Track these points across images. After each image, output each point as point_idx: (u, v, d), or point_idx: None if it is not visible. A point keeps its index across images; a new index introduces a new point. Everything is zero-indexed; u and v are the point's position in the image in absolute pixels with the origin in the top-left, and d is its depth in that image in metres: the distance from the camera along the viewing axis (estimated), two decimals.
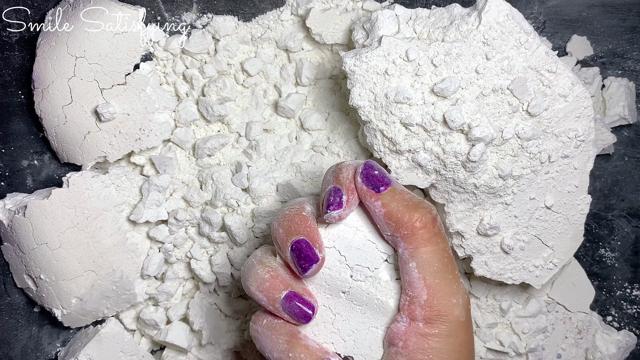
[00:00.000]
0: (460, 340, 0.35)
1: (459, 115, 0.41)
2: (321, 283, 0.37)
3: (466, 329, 0.35)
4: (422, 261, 0.34)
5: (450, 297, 0.35)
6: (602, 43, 0.55)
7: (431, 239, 0.34)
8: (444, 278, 0.35)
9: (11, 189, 0.51)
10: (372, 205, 0.35)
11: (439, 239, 0.35)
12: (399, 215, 0.34)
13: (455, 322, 0.35)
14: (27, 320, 0.52)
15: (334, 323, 0.37)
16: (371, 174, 0.35)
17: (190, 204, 0.50)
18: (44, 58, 0.47)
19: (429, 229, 0.34)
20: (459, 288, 0.35)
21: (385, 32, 0.44)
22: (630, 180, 0.56)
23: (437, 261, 0.34)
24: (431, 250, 0.34)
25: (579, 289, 0.54)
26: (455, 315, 0.35)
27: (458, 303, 0.35)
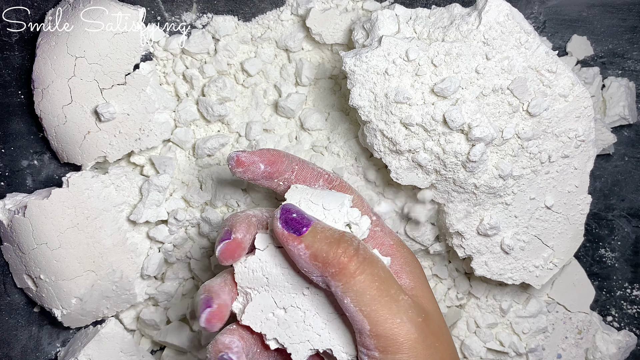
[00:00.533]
0: (422, 355, 0.34)
1: (459, 115, 0.41)
2: (284, 285, 0.37)
3: (423, 342, 0.34)
4: (355, 293, 0.34)
5: (393, 319, 0.34)
6: (602, 43, 0.55)
7: (358, 269, 0.34)
8: (379, 303, 0.34)
9: (11, 189, 0.51)
10: (296, 249, 0.34)
11: (366, 265, 0.34)
12: (323, 255, 0.34)
13: (408, 341, 0.34)
14: (27, 320, 0.52)
15: (305, 320, 0.37)
16: (290, 217, 0.35)
17: (190, 204, 0.50)
18: (44, 58, 0.47)
19: (355, 260, 0.34)
20: (400, 306, 0.34)
21: (386, 32, 0.44)
22: (631, 180, 0.56)
23: (369, 289, 0.34)
24: (361, 280, 0.34)
25: (579, 289, 0.54)
26: (404, 335, 0.34)
27: (403, 321, 0.34)
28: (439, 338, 0.36)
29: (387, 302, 0.34)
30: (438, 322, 0.37)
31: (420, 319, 0.35)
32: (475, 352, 0.51)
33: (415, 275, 0.39)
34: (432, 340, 0.35)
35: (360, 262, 0.34)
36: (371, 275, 0.34)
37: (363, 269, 0.34)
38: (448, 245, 0.49)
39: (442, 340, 0.36)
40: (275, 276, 0.37)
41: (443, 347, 0.36)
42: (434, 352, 0.35)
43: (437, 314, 0.38)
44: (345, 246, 0.34)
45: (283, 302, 0.37)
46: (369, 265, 0.34)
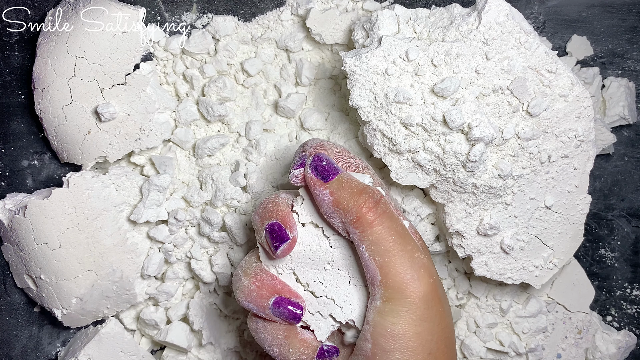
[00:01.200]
0: (420, 315, 0.35)
1: (459, 115, 0.41)
2: (306, 261, 0.39)
3: (427, 303, 0.36)
4: (370, 243, 0.35)
5: (404, 273, 0.35)
6: (602, 43, 0.55)
7: (376, 220, 0.35)
8: (394, 255, 0.35)
9: (11, 189, 0.51)
10: (321, 194, 0.36)
11: (385, 218, 0.36)
12: (345, 202, 0.36)
13: (412, 296, 0.35)
14: (27, 320, 0.52)
15: (327, 294, 0.38)
16: (320, 164, 0.37)
17: (190, 204, 0.50)
18: (44, 58, 0.47)
19: (374, 211, 0.36)
20: (414, 262, 0.36)
21: (385, 32, 0.44)
22: (630, 180, 0.56)
23: (384, 240, 0.35)
24: (378, 230, 0.35)
25: (579, 289, 0.54)
26: (410, 291, 0.35)
27: (414, 278, 0.35)
28: (442, 306, 0.37)
29: (402, 256, 0.36)
30: (443, 294, 0.38)
31: (431, 279, 0.36)
32: (475, 352, 0.52)
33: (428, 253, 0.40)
34: (436, 304, 0.36)
35: (380, 214, 0.36)
36: (388, 229, 0.36)
37: (381, 221, 0.36)
38: (448, 245, 0.49)
39: (445, 310, 0.37)
40: (298, 253, 0.38)
41: (444, 316, 0.37)
42: (433, 314, 0.36)
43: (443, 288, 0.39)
44: (367, 197, 0.36)
45: (306, 278, 0.39)
46: (387, 218, 0.36)
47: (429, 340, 0.36)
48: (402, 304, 0.35)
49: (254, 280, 0.38)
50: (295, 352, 0.38)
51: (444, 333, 0.37)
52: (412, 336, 0.35)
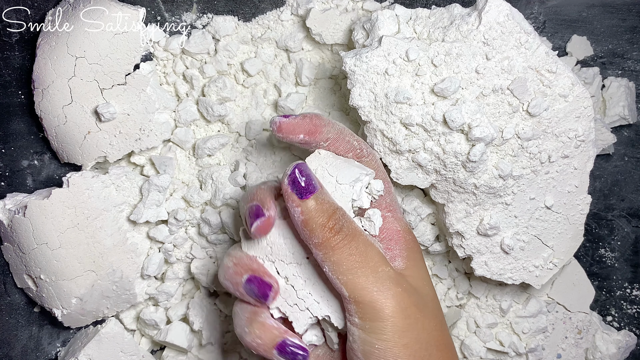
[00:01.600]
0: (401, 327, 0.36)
1: (459, 115, 0.41)
2: (286, 254, 0.39)
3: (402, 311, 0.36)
4: (332, 264, 0.36)
5: (370, 287, 0.36)
6: (602, 43, 0.55)
7: (338, 244, 0.36)
8: (356, 273, 0.36)
9: (11, 189, 0.51)
10: (293, 210, 0.37)
11: (347, 241, 0.36)
12: (313, 226, 0.36)
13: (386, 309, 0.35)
14: (27, 320, 0.52)
15: (304, 288, 0.39)
16: (297, 180, 0.37)
17: (190, 203, 0.50)
18: (44, 58, 0.47)
19: (338, 236, 0.36)
20: (378, 276, 0.36)
21: (386, 32, 0.44)
22: (630, 180, 0.56)
23: (346, 260, 0.36)
24: (339, 253, 0.36)
25: (579, 289, 0.54)
26: (381, 303, 0.35)
27: (380, 290, 0.36)
28: (421, 311, 0.37)
29: (365, 272, 0.36)
30: (426, 298, 0.38)
31: (399, 289, 0.36)
32: (475, 352, 0.51)
33: (411, 259, 0.40)
34: (413, 312, 0.36)
35: (342, 237, 0.36)
36: (349, 249, 0.36)
37: (343, 244, 0.36)
38: (448, 245, 0.49)
39: (425, 314, 0.37)
40: (279, 246, 0.39)
41: (426, 320, 0.37)
42: (413, 322, 0.36)
43: (427, 293, 0.39)
44: (333, 222, 0.36)
45: (285, 272, 0.39)
46: (350, 240, 0.37)
47: (417, 349, 0.36)
48: (379, 319, 0.35)
49: (233, 259, 0.39)
50: (250, 334, 0.37)
51: (432, 337, 0.37)
52: (400, 350, 0.35)
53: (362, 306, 0.36)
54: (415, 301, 0.37)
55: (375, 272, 0.36)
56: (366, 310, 0.36)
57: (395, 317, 0.36)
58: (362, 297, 0.36)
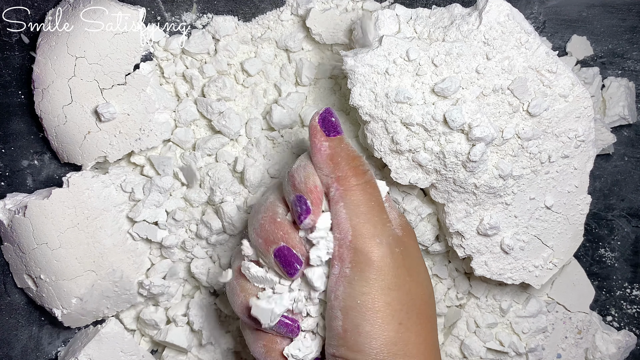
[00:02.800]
0: (388, 283, 0.36)
1: (459, 115, 0.41)
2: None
3: (394, 270, 0.36)
4: (350, 202, 0.37)
5: (373, 238, 0.36)
6: (602, 43, 0.55)
7: (361, 184, 0.37)
8: (368, 220, 0.37)
9: (11, 189, 0.51)
10: (320, 143, 0.38)
11: (368, 185, 0.38)
12: (338, 159, 0.37)
13: (379, 262, 0.36)
14: (27, 320, 0.52)
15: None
16: (328, 119, 0.38)
17: (190, 203, 0.50)
18: (44, 58, 0.47)
19: (361, 177, 0.37)
20: (384, 229, 0.37)
21: (386, 32, 0.44)
22: (630, 180, 0.56)
23: (364, 204, 0.37)
24: (360, 194, 0.37)
25: (579, 289, 0.54)
26: (378, 255, 0.36)
27: (382, 243, 0.36)
28: (411, 275, 0.38)
29: (375, 222, 0.37)
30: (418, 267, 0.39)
31: (398, 249, 0.37)
32: (475, 352, 0.51)
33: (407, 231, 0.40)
34: (403, 273, 0.37)
35: (366, 180, 0.38)
36: (370, 195, 0.37)
37: (365, 187, 0.37)
38: (448, 245, 0.49)
39: (415, 279, 0.38)
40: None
41: (414, 285, 0.38)
42: (401, 283, 0.37)
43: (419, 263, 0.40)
44: (359, 164, 0.38)
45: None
46: (371, 186, 0.38)
47: (399, 309, 0.36)
48: (370, 270, 0.36)
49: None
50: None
51: (414, 304, 0.37)
52: (382, 306, 0.36)
53: (359, 254, 0.36)
54: (408, 264, 0.38)
55: (383, 225, 0.37)
56: (360, 259, 0.36)
57: (385, 271, 0.36)
58: (364, 244, 0.36)
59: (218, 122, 0.49)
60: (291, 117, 0.50)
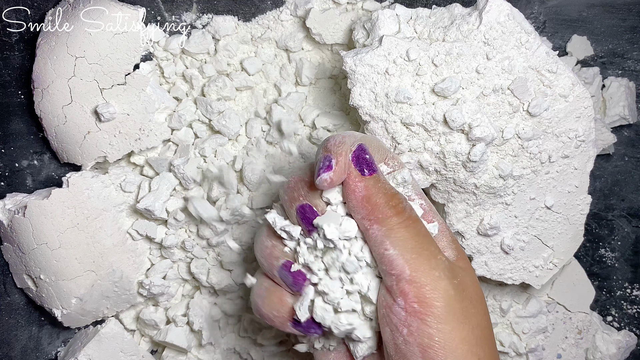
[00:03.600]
0: (458, 317, 0.34)
1: (459, 115, 0.41)
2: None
3: (459, 301, 0.35)
4: (396, 240, 0.35)
5: (431, 271, 0.34)
6: (602, 43, 0.55)
7: (403, 222, 0.35)
8: (420, 254, 0.35)
9: (11, 189, 0.51)
10: (355, 185, 0.36)
11: (411, 221, 0.36)
12: (376, 200, 0.35)
13: (445, 295, 0.34)
14: (27, 321, 0.52)
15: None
16: (362, 156, 0.36)
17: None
18: (44, 58, 0.47)
19: (402, 215, 0.35)
20: (438, 262, 0.35)
21: (386, 32, 0.44)
22: (631, 180, 0.56)
23: (411, 239, 0.35)
24: (404, 231, 0.35)
25: (579, 289, 0.54)
26: (442, 289, 0.34)
27: (441, 276, 0.35)
28: (475, 305, 0.36)
29: (427, 255, 0.35)
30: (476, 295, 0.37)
31: (456, 280, 0.35)
32: None
33: (460, 251, 0.39)
34: (468, 304, 0.35)
35: (407, 217, 0.36)
36: (414, 229, 0.35)
37: (407, 224, 0.35)
38: None
39: (478, 309, 0.36)
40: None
41: (479, 315, 0.36)
42: (469, 316, 0.35)
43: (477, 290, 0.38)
44: (397, 202, 0.36)
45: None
46: (414, 221, 0.36)
47: (474, 344, 0.35)
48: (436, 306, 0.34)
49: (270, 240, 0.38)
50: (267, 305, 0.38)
51: (483, 334, 0.36)
52: (459, 343, 0.34)
53: (422, 290, 0.34)
54: (470, 296, 0.36)
55: (435, 258, 0.35)
56: (426, 293, 0.34)
57: (453, 305, 0.34)
58: (425, 280, 0.34)
59: (218, 122, 0.49)
60: (291, 117, 0.50)
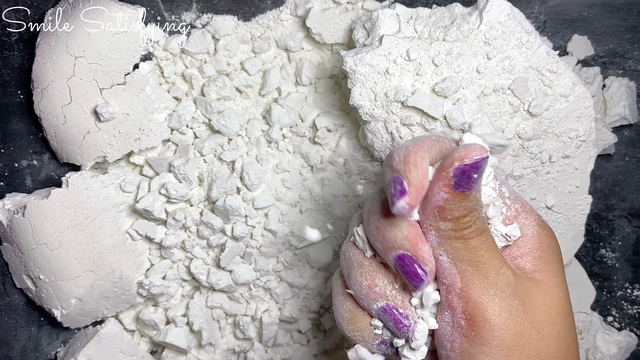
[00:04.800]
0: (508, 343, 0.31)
1: (459, 115, 0.41)
2: None
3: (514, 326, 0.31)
4: (454, 249, 0.31)
5: (487, 288, 0.31)
6: (603, 43, 0.55)
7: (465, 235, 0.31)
8: (477, 267, 0.31)
9: (10, 189, 0.51)
10: (438, 191, 0.30)
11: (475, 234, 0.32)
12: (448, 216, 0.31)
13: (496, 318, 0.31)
14: (27, 321, 0.52)
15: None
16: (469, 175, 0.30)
17: (190, 202, 0.50)
18: (44, 58, 0.47)
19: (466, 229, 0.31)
20: (498, 278, 0.31)
21: (386, 32, 0.44)
22: (631, 181, 0.56)
23: (469, 251, 0.31)
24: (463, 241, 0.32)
25: (580, 289, 0.54)
26: (493, 310, 0.31)
27: (496, 295, 0.31)
28: (539, 331, 0.32)
29: (485, 270, 0.31)
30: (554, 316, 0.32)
31: (517, 301, 0.31)
32: None
33: (544, 261, 0.34)
34: (528, 330, 0.31)
35: (471, 231, 0.31)
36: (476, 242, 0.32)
37: (470, 237, 0.32)
38: None
39: (545, 335, 0.32)
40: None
41: (544, 342, 0.32)
42: (526, 342, 0.31)
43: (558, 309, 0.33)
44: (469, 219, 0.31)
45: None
46: (479, 233, 0.32)
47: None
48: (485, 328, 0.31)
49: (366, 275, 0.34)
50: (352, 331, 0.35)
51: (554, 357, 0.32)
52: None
53: (472, 307, 0.31)
54: (534, 318, 0.32)
55: (497, 273, 0.31)
56: (474, 312, 0.31)
57: (504, 329, 0.31)
58: (476, 296, 0.31)
59: (217, 122, 0.49)
60: (290, 116, 0.50)
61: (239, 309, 0.52)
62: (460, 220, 0.31)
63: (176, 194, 0.48)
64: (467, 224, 0.31)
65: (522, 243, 0.34)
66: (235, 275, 0.50)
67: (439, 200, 0.31)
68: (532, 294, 0.32)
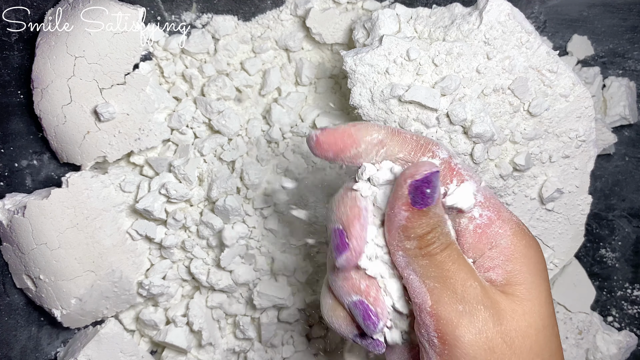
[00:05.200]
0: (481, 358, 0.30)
1: (462, 111, 0.40)
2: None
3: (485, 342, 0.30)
4: (421, 267, 0.31)
5: (455, 304, 0.31)
6: (603, 43, 0.55)
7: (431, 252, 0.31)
8: (444, 282, 0.31)
9: (10, 189, 0.51)
10: (399, 211, 0.31)
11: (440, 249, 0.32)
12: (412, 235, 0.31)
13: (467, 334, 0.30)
14: (27, 321, 0.52)
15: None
16: (422, 189, 0.30)
17: (190, 202, 0.50)
18: (44, 58, 0.47)
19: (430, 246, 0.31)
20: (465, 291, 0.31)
21: (386, 32, 0.44)
22: (631, 180, 0.56)
23: (435, 268, 0.31)
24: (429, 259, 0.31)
25: (580, 289, 0.54)
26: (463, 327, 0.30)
27: (465, 311, 0.30)
28: (510, 346, 0.31)
29: (452, 283, 0.31)
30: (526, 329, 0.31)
31: (486, 313, 0.30)
32: None
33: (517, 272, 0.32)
34: (499, 345, 0.30)
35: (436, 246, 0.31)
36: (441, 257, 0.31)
37: (435, 252, 0.31)
38: None
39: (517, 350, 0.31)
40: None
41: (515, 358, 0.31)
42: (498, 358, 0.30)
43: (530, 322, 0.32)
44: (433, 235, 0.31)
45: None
46: (444, 248, 0.31)
47: None
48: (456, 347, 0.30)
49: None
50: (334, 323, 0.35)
51: None
52: None
53: (443, 324, 0.31)
54: (505, 331, 0.31)
55: (463, 286, 0.31)
56: (447, 330, 0.30)
57: (476, 347, 0.30)
58: (446, 312, 0.31)
59: (217, 122, 0.49)
60: (290, 116, 0.50)
61: (239, 309, 0.52)
62: (424, 238, 0.31)
63: (176, 194, 0.48)
64: (431, 240, 0.31)
65: (494, 254, 0.33)
66: (235, 275, 0.50)
67: (402, 219, 0.31)
68: (502, 307, 0.31)
